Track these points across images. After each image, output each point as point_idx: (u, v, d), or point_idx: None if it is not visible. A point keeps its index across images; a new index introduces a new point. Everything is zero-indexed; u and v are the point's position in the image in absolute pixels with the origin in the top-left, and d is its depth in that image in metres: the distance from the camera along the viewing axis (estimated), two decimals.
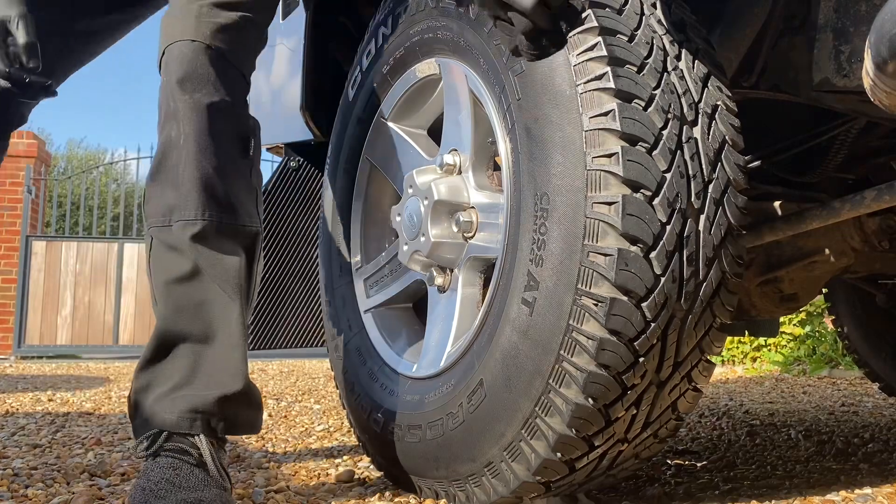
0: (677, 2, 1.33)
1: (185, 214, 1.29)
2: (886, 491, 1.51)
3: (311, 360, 7.33)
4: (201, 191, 1.29)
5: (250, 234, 1.36)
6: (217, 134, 1.32)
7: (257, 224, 1.38)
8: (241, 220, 1.34)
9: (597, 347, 1.16)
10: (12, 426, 2.58)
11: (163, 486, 1.20)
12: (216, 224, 1.30)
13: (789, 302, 1.82)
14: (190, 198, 1.29)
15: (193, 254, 1.29)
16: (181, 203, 1.30)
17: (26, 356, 8.63)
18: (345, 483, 1.64)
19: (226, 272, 1.31)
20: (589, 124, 1.18)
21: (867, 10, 1.21)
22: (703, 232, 1.20)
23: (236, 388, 1.30)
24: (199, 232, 1.29)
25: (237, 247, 1.33)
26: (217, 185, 1.31)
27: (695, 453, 1.96)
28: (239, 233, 1.34)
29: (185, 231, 1.29)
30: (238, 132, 1.37)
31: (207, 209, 1.30)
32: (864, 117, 1.51)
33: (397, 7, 1.62)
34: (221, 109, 1.32)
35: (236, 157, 1.36)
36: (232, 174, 1.34)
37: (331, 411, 3.05)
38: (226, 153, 1.33)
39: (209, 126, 1.31)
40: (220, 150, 1.32)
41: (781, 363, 5.18)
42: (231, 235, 1.32)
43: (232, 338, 1.30)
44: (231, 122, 1.35)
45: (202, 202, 1.29)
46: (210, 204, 1.30)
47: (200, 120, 1.30)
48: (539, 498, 1.30)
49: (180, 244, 1.30)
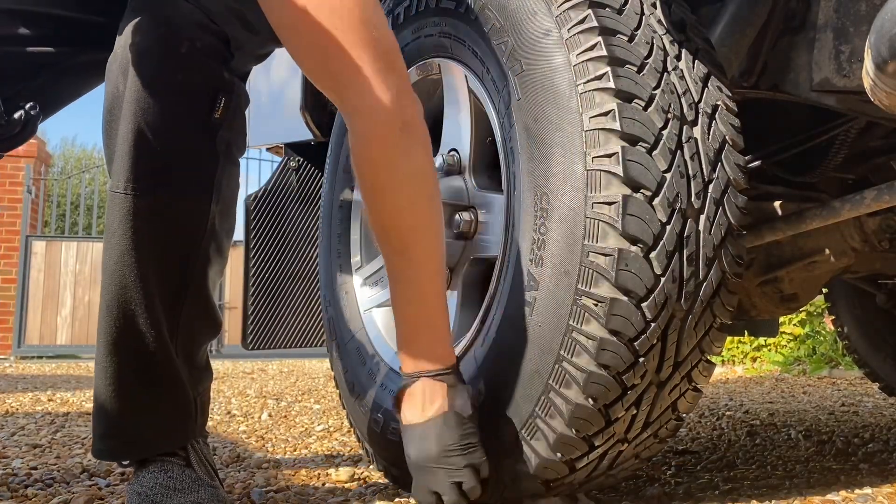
0: (677, 2, 1.33)
1: (114, 184, 1.15)
2: (886, 491, 1.51)
3: (311, 360, 7.33)
4: (131, 155, 1.13)
5: (187, 215, 1.18)
6: (167, 86, 1.14)
7: (206, 203, 1.19)
8: (178, 194, 1.17)
9: (597, 347, 1.16)
10: (12, 426, 2.58)
11: (158, 491, 1.20)
12: (144, 198, 1.14)
13: (789, 302, 1.82)
14: (120, 163, 1.14)
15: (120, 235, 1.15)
16: (115, 168, 1.15)
17: (26, 356, 8.63)
18: (345, 483, 1.64)
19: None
20: (589, 124, 1.18)
21: (867, 10, 1.21)
22: (703, 232, 1.20)
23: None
24: (128, 207, 1.14)
25: (169, 228, 1.17)
26: (154, 150, 1.14)
27: (695, 453, 1.96)
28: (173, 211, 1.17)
29: (113, 202, 1.15)
30: (201, 87, 1.18)
31: (132, 180, 1.13)
32: (864, 117, 1.51)
33: (397, 7, 1.62)
34: (179, 57, 1.14)
35: (190, 119, 1.17)
36: (181, 137, 1.17)
37: (331, 411, 3.05)
38: (171, 113, 1.15)
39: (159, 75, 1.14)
40: (165, 107, 1.15)
41: (781, 363, 5.18)
42: (161, 213, 1.16)
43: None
44: (192, 72, 1.16)
45: (129, 169, 1.13)
46: (140, 173, 1.13)
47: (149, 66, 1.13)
48: (539, 498, 1.30)
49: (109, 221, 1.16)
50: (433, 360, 1.18)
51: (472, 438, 1.17)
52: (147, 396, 1.22)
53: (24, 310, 8.78)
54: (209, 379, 1.32)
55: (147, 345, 1.19)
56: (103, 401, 1.20)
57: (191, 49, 1.16)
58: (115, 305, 1.17)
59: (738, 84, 1.41)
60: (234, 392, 3.96)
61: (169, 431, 1.25)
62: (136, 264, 1.16)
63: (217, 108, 1.18)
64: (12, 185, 9.06)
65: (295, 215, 2.54)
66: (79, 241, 9.30)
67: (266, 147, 2.69)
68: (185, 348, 1.24)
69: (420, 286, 1.20)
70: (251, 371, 5.89)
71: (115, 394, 1.19)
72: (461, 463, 1.14)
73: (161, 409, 1.23)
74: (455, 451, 1.15)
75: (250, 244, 2.48)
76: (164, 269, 1.18)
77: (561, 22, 1.23)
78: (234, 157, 1.24)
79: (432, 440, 1.16)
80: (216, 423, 2.71)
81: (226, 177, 1.23)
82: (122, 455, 1.27)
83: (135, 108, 1.14)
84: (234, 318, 8.98)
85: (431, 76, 1.58)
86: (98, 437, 1.23)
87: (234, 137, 1.23)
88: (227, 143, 1.22)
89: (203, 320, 1.26)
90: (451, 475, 1.15)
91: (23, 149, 9.02)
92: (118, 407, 1.20)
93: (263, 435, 2.43)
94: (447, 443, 1.15)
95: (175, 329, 1.21)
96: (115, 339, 1.18)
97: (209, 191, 1.20)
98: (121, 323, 1.17)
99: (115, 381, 1.19)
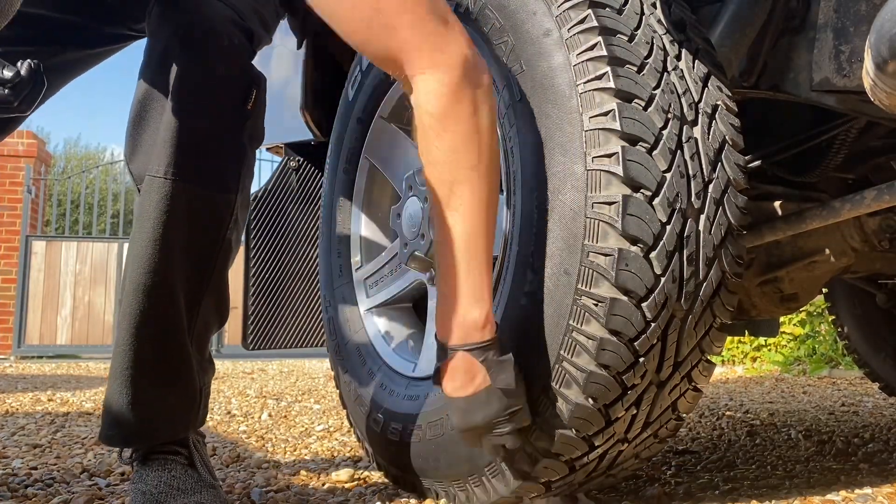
0: (677, 2, 1.33)
1: (154, 168, 1.19)
2: (886, 491, 1.51)
3: (311, 360, 7.33)
4: (173, 142, 1.18)
5: (217, 203, 1.23)
6: (211, 78, 1.20)
7: (234, 192, 1.24)
8: (212, 183, 1.21)
9: (597, 347, 1.16)
10: (12, 426, 2.57)
11: (163, 490, 1.21)
12: (182, 184, 1.18)
13: (789, 302, 1.82)
14: (161, 149, 1.18)
15: (153, 219, 1.18)
16: (155, 154, 1.19)
17: (26, 356, 8.62)
18: (345, 483, 1.64)
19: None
20: (589, 124, 1.18)
21: (867, 10, 1.21)
22: (703, 232, 1.20)
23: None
24: (166, 191, 1.18)
25: (201, 215, 1.21)
26: (194, 138, 1.19)
27: (695, 453, 1.96)
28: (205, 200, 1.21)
29: (151, 187, 1.19)
30: (239, 79, 1.23)
31: (173, 165, 1.18)
32: (864, 117, 1.51)
33: None
34: (222, 50, 1.20)
35: (228, 110, 1.23)
36: (219, 126, 1.22)
37: (331, 411, 3.05)
38: (214, 103, 1.21)
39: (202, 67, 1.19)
40: (208, 98, 1.21)
41: (781, 363, 5.18)
42: (195, 202, 1.20)
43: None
44: (231, 65, 1.22)
45: (171, 154, 1.18)
46: (181, 159, 1.18)
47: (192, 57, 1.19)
48: (539, 498, 1.30)
49: (143, 205, 1.19)
50: (474, 330, 1.15)
51: (517, 406, 1.16)
52: (160, 384, 1.23)
53: (24, 310, 8.77)
54: (212, 372, 1.34)
55: (167, 332, 1.21)
56: (118, 386, 1.21)
57: (230, 44, 1.21)
58: (142, 290, 1.19)
59: (738, 84, 1.41)
60: (234, 392, 3.96)
61: (175, 421, 1.26)
62: (167, 249, 1.18)
63: (250, 100, 1.23)
64: (12, 185, 9.05)
65: (295, 215, 2.54)
66: (79, 241, 9.30)
67: (266, 147, 2.69)
68: (199, 337, 1.26)
69: (464, 240, 1.15)
70: (251, 371, 5.89)
71: (131, 379, 1.21)
72: (506, 429, 1.16)
73: (171, 398, 1.25)
74: (500, 421, 1.15)
75: (250, 244, 2.47)
76: (192, 256, 1.22)
77: (561, 22, 1.23)
78: (254, 149, 1.29)
79: (476, 413, 1.15)
80: (216, 423, 2.71)
81: (247, 168, 1.27)
82: (130, 442, 1.27)
83: (179, 98, 1.18)
84: (234, 318, 8.95)
85: None
86: (108, 423, 1.24)
87: (257, 130, 1.28)
88: (250, 134, 1.26)
89: (217, 309, 1.29)
90: (497, 440, 1.17)
91: (23, 149, 9.05)
92: (132, 393, 1.21)
93: (263, 435, 2.43)
94: (491, 416, 1.15)
95: (193, 317, 1.24)
96: (138, 324, 1.20)
97: (236, 181, 1.25)
98: (145, 307, 1.19)
99: (133, 366, 1.20)
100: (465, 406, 1.16)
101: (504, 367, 1.14)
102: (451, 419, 1.23)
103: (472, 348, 1.14)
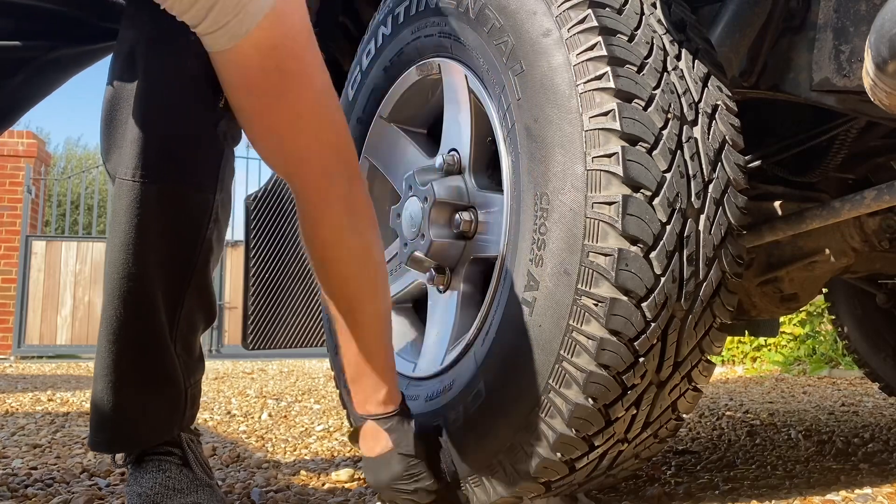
0: (677, 2, 1.33)
1: (122, 171, 1.15)
2: (886, 491, 1.51)
3: (311, 360, 7.33)
4: (140, 142, 1.13)
5: (193, 203, 1.19)
6: (177, 75, 1.16)
7: (210, 191, 1.20)
8: (185, 182, 1.17)
9: (597, 347, 1.16)
10: (12, 426, 2.58)
11: (158, 491, 1.20)
12: (152, 186, 1.14)
13: (789, 302, 1.82)
14: (128, 151, 1.14)
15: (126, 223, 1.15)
16: (122, 156, 1.15)
17: (26, 356, 8.63)
18: (345, 483, 1.64)
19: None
20: (589, 124, 1.18)
21: (867, 10, 1.21)
22: (703, 232, 1.20)
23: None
24: (136, 194, 1.14)
25: (175, 216, 1.18)
26: (162, 137, 1.15)
27: (695, 453, 1.96)
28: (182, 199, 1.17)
29: (120, 190, 1.15)
30: (209, 77, 1.15)
31: (141, 167, 1.13)
32: (864, 117, 1.51)
33: (397, 7, 1.62)
34: (190, 46, 1.12)
35: (197, 108, 1.18)
36: (188, 124, 1.17)
37: (331, 411, 3.05)
38: (181, 101, 1.16)
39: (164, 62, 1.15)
40: (175, 96, 1.16)
41: (781, 363, 5.18)
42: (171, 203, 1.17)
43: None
44: (200, 62, 1.14)
45: (137, 156, 1.13)
46: (149, 160, 1.13)
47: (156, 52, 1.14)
48: (539, 498, 1.30)
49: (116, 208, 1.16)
50: (377, 406, 1.29)
51: (417, 469, 1.28)
52: (142, 389, 1.23)
53: (24, 310, 8.77)
54: (202, 371, 1.32)
55: (147, 336, 1.19)
56: (101, 392, 1.21)
57: (196, 39, 1.15)
58: (118, 296, 1.17)
59: (738, 84, 1.41)
60: (234, 392, 3.96)
61: (159, 425, 1.26)
62: (142, 253, 1.15)
63: (220, 97, 1.19)
64: (12, 185, 9.06)
65: (295, 215, 2.54)
66: (79, 241, 9.30)
67: None
68: (184, 338, 1.24)
69: (366, 343, 1.27)
70: (251, 371, 5.89)
71: (112, 386, 1.20)
72: (410, 488, 1.29)
73: (153, 402, 1.24)
74: (403, 481, 1.28)
75: (250, 244, 2.48)
76: (169, 258, 1.19)
77: (561, 22, 1.23)
78: (231, 147, 1.26)
79: (382, 473, 1.29)
80: (216, 423, 2.71)
81: (227, 166, 1.24)
82: (115, 447, 1.28)
83: (144, 95, 1.15)
84: (234, 318, 8.99)
85: (431, 76, 1.58)
86: (93, 429, 1.25)
87: (232, 128, 1.24)
88: (225, 133, 1.23)
89: (202, 309, 1.27)
90: (405, 497, 1.29)
91: (23, 149, 9.06)
92: (114, 399, 1.20)
93: (263, 435, 2.43)
94: (394, 476, 1.28)
95: (176, 319, 1.22)
96: (116, 330, 1.18)
97: (213, 179, 1.21)
98: (122, 314, 1.17)
99: (113, 372, 1.20)
100: (373, 465, 1.31)
101: (405, 435, 1.28)
102: (365, 476, 1.37)
103: (377, 418, 1.29)
